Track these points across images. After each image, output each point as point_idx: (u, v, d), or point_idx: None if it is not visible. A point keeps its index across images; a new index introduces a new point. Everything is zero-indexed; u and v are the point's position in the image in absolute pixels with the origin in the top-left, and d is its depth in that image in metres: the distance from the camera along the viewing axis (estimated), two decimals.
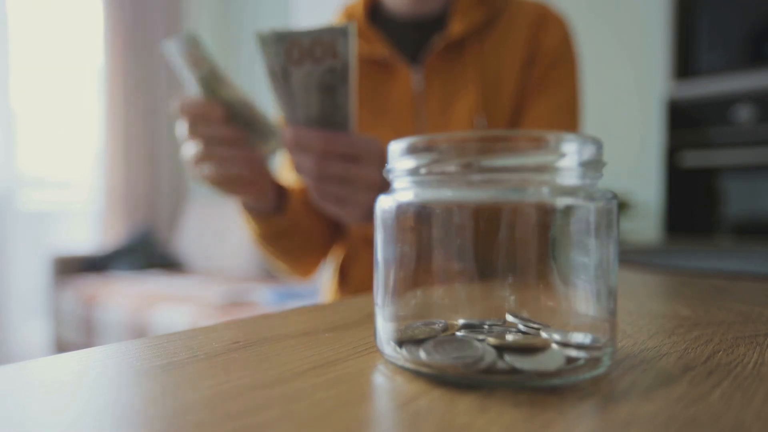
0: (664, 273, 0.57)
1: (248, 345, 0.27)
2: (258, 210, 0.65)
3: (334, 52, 0.45)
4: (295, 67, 0.46)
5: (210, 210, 2.74)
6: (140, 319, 1.94)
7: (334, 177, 0.53)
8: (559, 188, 0.22)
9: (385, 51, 0.73)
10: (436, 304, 0.24)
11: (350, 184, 0.53)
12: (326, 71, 0.46)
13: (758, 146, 1.45)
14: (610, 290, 0.23)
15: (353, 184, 0.53)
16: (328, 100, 0.49)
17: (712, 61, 1.53)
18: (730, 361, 0.24)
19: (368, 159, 0.53)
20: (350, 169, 0.52)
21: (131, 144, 2.87)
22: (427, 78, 0.73)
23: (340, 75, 0.47)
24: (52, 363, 0.24)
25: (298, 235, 0.70)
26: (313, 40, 0.45)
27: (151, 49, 2.94)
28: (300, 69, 0.46)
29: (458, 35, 0.72)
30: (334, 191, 0.53)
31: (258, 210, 0.65)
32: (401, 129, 0.73)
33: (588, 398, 0.19)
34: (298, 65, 0.46)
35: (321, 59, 0.46)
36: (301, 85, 0.47)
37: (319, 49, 0.45)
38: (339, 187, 0.53)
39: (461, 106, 0.72)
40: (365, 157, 0.53)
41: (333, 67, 0.46)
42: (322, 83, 0.47)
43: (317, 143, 0.51)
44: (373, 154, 0.53)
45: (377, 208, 0.25)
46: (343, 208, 0.55)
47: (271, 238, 0.69)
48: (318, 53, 0.45)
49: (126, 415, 0.18)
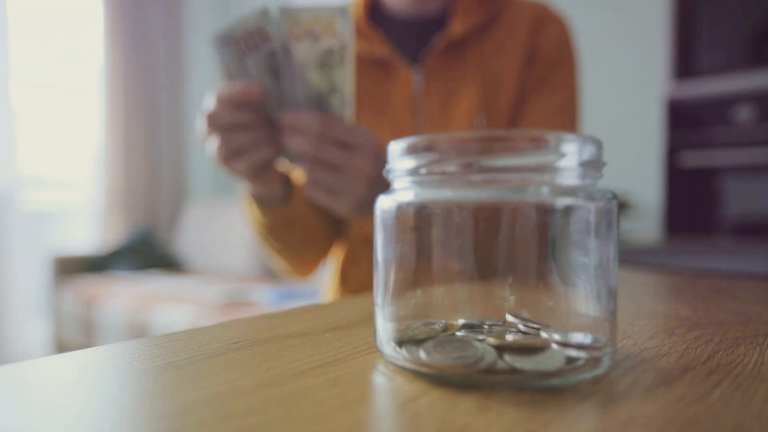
0: (664, 273, 0.57)
1: (248, 345, 0.27)
2: (265, 199, 0.65)
3: (332, 30, 0.47)
4: (296, 43, 0.47)
5: (210, 210, 2.74)
6: (140, 319, 1.94)
7: (327, 163, 0.52)
8: (559, 188, 0.22)
9: (385, 50, 0.73)
10: (436, 304, 0.24)
11: (343, 173, 0.53)
12: (325, 51, 0.47)
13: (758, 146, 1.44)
14: (610, 290, 0.23)
15: (346, 174, 0.53)
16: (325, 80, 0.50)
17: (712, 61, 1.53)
18: (730, 361, 0.24)
19: (363, 149, 0.53)
20: (344, 157, 0.52)
21: (131, 144, 2.87)
22: (427, 78, 0.73)
23: (339, 55, 0.48)
24: (52, 363, 0.24)
25: (301, 229, 0.70)
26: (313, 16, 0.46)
27: (151, 49, 2.94)
28: (300, 45, 0.47)
29: (458, 35, 0.72)
30: (326, 180, 0.53)
31: (265, 199, 0.65)
32: (401, 129, 0.73)
33: (588, 398, 0.19)
34: (299, 41, 0.47)
35: (320, 37, 0.47)
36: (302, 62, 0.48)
37: (318, 27, 0.46)
38: (332, 175, 0.53)
39: (461, 106, 0.72)
40: (360, 147, 0.53)
41: (331, 47, 0.47)
42: (320, 62, 0.48)
43: (314, 125, 0.50)
44: (368, 146, 0.53)
45: (377, 208, 0.25)
46: (334, 198, 0.55)
47: (275, 231, 0.69)
48: (317, 31, 0.47)
49: (126, 415, 0.18)
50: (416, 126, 0.73)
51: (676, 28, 1.58)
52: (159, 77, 2.99)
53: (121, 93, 2.82)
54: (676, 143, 1.59)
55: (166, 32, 2.99)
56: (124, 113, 2.84)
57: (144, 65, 2.92)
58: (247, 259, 2.49)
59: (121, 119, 2.83)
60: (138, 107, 2.89)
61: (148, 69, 2.94)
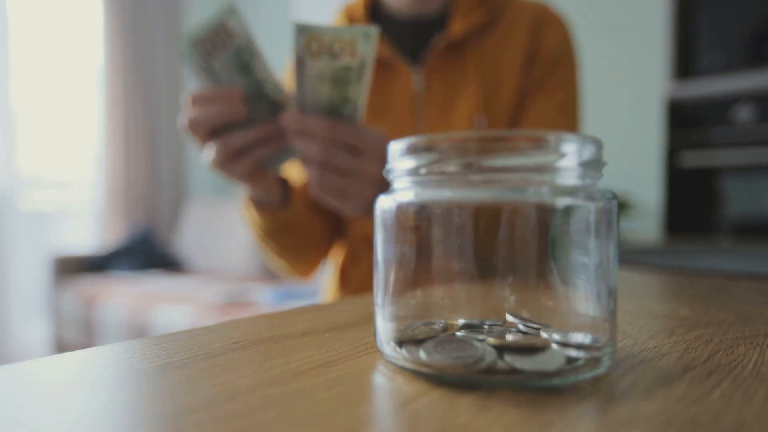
0: (664, 273, 0.57)
1: (248, 345, 0.27)
2: (264, 203, 0.65)
3: (353, 50, 0.46)
4: (312, 60, 0.46)
5: (210, 210, 2.74)
6: (140, 319, 1.94)
7: (336, 168, 0.52)
8: (559, 188, 0.22)
9: (386, 51, 0.73)
10: (436, 304, 0.24)
11: (352, 177, 0.53)
12: (342, 68, 0.47)
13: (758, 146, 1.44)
14: (610, 290, 0.23)
15: (355, 177, 0.52)
16: (338, 93, 0.49)
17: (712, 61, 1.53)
18: (730, 361, 0.24)
19: (372, 153, 0.52)
20: (353, 162, 0.52)
21: (131, 144, 2.87)
22: (427, 78, 0.73)
23: (356, 73, 0.48)
24: (52, 363, 0.24)
25: (300, 231, 0.70)
26: (333, 37, 0.45)
27: (151, 49, 2.94)
28: (316, 62, 0.47)
29: (459, 35, 0.72)
30: (335, 183, 0.53)
31: (264, 203, 0.65)
32: (401, 129, 0.73)
33: (588, 398, 0.19)
34: (315, 58, 0.46)
35: (338, 56, 0.46)
36: (315, 75, 0.48)
37: (338, 46, 0.46)
38: (341, 179, 0.53)
39: (462, 106, 0.72)
40: (369, 151, 0.52)
41: (349, 66, 0.47)
42: (335, 77, 0.48)
43: (322, 130, 0.50)
44: (377, 149, 0.53)
45: (377, 208, 0.25)
46: (343, 201, 0.55)
47: (274, 234, 0.69)
48: (336, 49, 0.46)
49: (126, 415, 0.18)
50: (416, 126, 0.73)
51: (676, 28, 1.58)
52: (159, 77, 2.99)
53: (121, 93, 2.82)
54: (676, 143, 1.59)
55: (166, 32, 2.99)
56: (124, 113, 2.84)
57: (144, 65, 2.91)
58: (247, 259, 2.49)
59: (121, 119, 2.83)
60: (138, 107, 2.89)
61: (148, 69, 2.94)
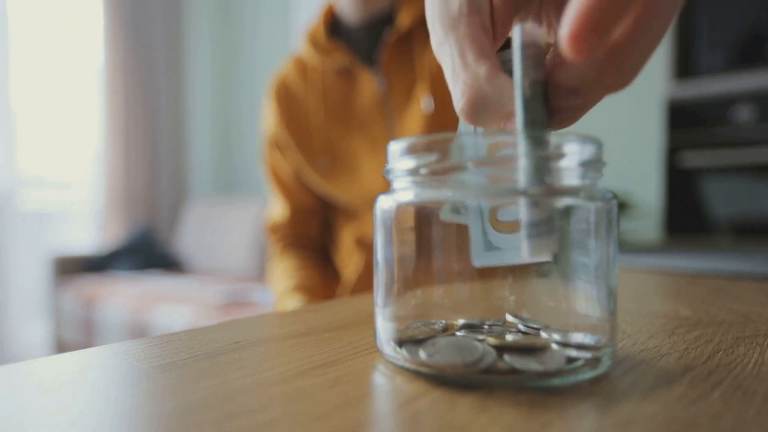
0: (664, 273, 0.57)
1: (248, 345, 0.27)
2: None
3: None
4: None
5: (210, 210, 2.74)
6: (140, 319, 1.94)
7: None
8: (559, 188, 0.22)
9: (345, 59, 0.75)
10: (436, 304, 0.24)
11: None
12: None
13: (758, 146, 1.44)
14: (610, 290, 0.23)
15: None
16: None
17: (712, 61, 1.53)
18: (730, 361, 0.24)
19: None
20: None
21: (131, 144, 2.87)
22: (387, 76, 0.74)
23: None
24: (52, 363, 0.24)
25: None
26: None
27: (151, 49, 2.94)
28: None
29: (406, 27, 0.73)
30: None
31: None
32: (372, 130, 0.74)
33: (588, 398, 0.19)
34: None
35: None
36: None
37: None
38: None
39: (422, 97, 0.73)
40: None
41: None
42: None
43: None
44: None
45: (377, 208, 0.25)
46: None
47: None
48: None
49: (126, 415, 0.18)
50: (386, 125, 0.74)
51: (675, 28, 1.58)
52: (159, 77, 2.98)
53: (121, 93, 2.82)
54: (675, 143, 1.59)
55: (166, 32, 2.99)
56: (124, 113, 2.84)
57: (144, 65, 2.91)
58: (247, 259, 2.49)
59: (121, 119, 2.83)
60: (138, 107, 2.89)
61: (148, 69, 2.93)
